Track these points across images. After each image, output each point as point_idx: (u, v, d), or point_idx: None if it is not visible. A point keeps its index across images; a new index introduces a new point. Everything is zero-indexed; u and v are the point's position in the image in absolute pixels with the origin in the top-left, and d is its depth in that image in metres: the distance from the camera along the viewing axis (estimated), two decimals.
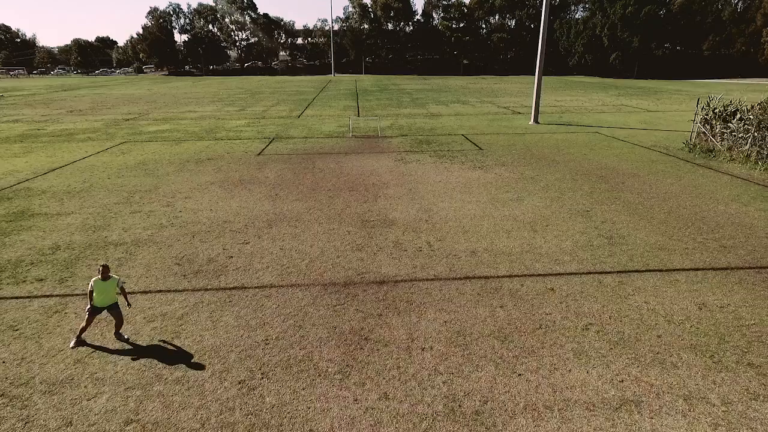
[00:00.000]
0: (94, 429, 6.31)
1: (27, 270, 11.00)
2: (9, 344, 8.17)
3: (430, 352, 7.93)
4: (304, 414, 6.59)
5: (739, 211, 14.89)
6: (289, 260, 11.46)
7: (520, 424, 6.38)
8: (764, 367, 7.49)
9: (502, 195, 16.61)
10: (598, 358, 7.75)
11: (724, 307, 9.26)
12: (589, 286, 10.11)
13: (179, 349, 8.04)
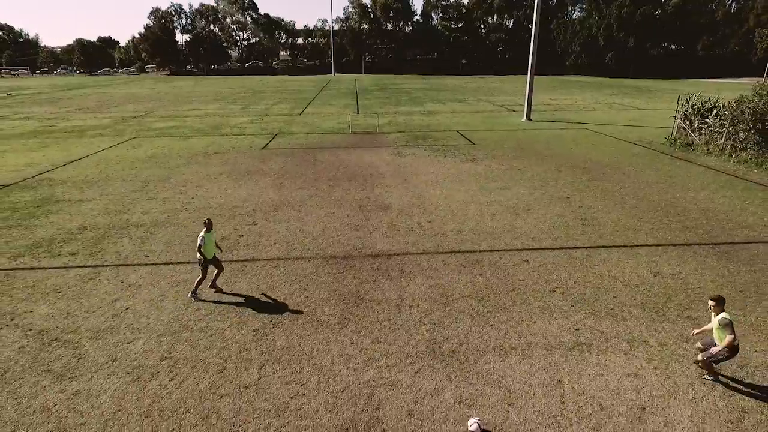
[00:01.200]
0: (135, 363, 7.63)
1: (60, 246, 12.32)
2: (54, 303, 9.49)
3: (417, 309, 9.24)
4: (309, 352, 7.91)
5: (706, 197, 16.19)
6: (294, 238, 12.78)
7: (488, 359, 7.70)
8: (701, 319, 8.81)
9: (490, 184, 17.92)
10: (560, 312, 9.07)
11: (675, 275, 10.58)
12: (559, 259, 11.42)
13: (201, 307, 9.35)
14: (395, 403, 6.75)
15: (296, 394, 6.94)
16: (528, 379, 7.21)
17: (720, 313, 6.70)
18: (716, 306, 6.72)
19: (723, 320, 6.61)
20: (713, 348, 6.77)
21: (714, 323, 6.77)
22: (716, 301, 6.73)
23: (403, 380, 7.22)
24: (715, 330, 6.76)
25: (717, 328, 6.70)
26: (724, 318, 6.63)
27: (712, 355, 6.76)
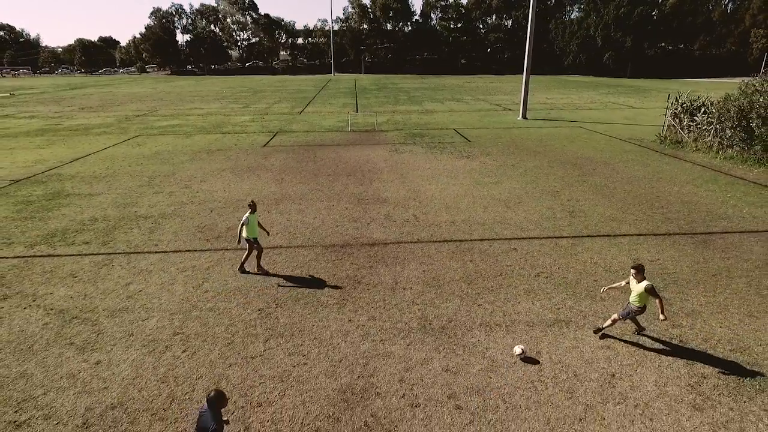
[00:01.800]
0: (150, 337, 8.31)
1: (74, 235, 13.00)
2: (72, 286, 10.17)
3: (410, 291, 9.93)
4: (310, 328, 8.59)
5: (691, 192, 16.88)
6: (295, 228, 13.46)
7: (475, 334, 8.38)
8: (673, 300, 9.49)
9: (484, 179, 18.60)
10: (543, 294, 9.76)
11: (654, 261, 11.26)
12: (546, 247, 12.11)
13: (208, 290, 10.03)
14: (388, 371, 7.43)
15: (298, 363, 7.63)
16: (509, 350, 7.89)
17: (642, 280, 7.45)
18: (637, 274, 7.51)
19: (648, 287, 7.38)
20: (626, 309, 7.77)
21: (638, 289, 7.50)
22: (637, 269, 7.52)
23: (396, 352, 7.90)
24: (638, 295, 7.51)
25: (641, 293, 7.46)
26: (649, 285, 7.40)
27: (628, 313, 7.72)
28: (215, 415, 4.84)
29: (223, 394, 4.90)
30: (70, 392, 6.97)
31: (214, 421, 4.78)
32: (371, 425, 6.36)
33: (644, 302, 7.58)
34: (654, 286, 7.46)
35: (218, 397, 4.86)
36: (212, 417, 4.81)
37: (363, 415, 6.55)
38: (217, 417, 4.86)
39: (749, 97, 20.40)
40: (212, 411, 4.84)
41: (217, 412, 4.88)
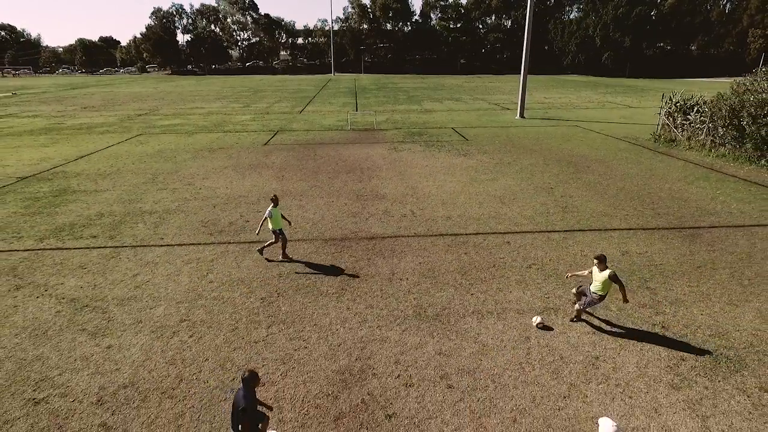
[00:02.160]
0: (158, 324, 8.73)
1: (81, 230, 13.42)
2: (82, 277, 10.59)
3: (406, 281, 10.35)
4: (310, 316, 9.01)
5: (681, 188, 17.29)
6: (295, 223, 13.87)
7: (467, 321, 8.80)
8: (658, 289, 9.91)
9: (480, 176, 19.01)
10: (533, 284, 10.18)
11: (642, 254, 11.68)
12: (538, 240, 12.53)
13: (213, 280, 10.45)
14: (384, 354, 7.85)
15: (299, 347, 8.05)
16: (500, 336, 8.31)
17: (604, 269, 7.88)
18: (600, 263, 7.96)
19: (612, 275, 7.83)
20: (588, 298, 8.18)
21: (601, 277, 7.92)
22: (599, 259, 7.98)
23: (392, 337, 8.32)
24: (601, 283, 7.94)
25: (605, 281, 7.88)
26: (612, 272, 7.85)
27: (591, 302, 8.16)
28: (248, 394, 5.17)
29: (255, 373, 5.24)
30: (84, 373, 7.39)
31: (247, 400, 5.11)
32: (368, 402, 6.78)
33: (606, 290, 8.00)
34: (617, 273, 7.91)
35: (251, 377, 5.19)
36: (245, 396, 5.15)
37: (360, 393, 6.96)
38: (251, 395, 5.19)
39: (740, 96, 20.80)
40: (246, 390, 5.17)
41: (250, 390, 5.20)
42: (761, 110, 19.18)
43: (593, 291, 8.16)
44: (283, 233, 11.19)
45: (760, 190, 17.00)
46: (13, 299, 9.63)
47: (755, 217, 14.23)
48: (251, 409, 5.18)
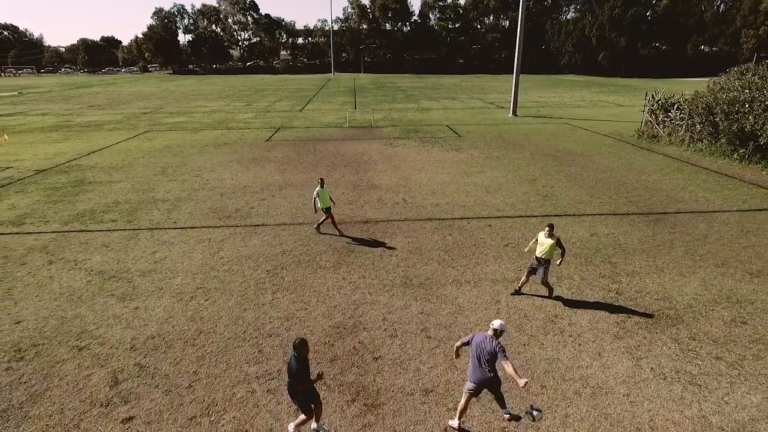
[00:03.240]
0: (177, 290, 10.01)
1: (101, 215, 14.70)
2: (106, 254, 11.87)
3: (395, 257, 11.63)
4: (310, 284, 10.29)
5: (657, 179, 18.57)
6: (297, 209, 15.16)
7: (447, 288, 10.07)
8: (618, 264, 11.19)
9: (469, 169, 20.29)
10: (508, 259, 11.46)
11: (609, 235, 12.96)
12: (517, 224, 13.81)
13: (223, 256, 11.73)
14: (374, 313, 9.13)
15: (300, 308, 9.33)
16: (475, 300, 9.59)
17: (551, 236, 9.06)
18: (549, 231, 9.09)
19: (557, 239, 9.06)
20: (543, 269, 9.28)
21: (548, 242, 9.06)
22: (550, 227, 9.12)
23: (381, 300, 9.60)
24: (549, 247, 9.08)
25: (552, 245, 9.05)
26: (558, 238, 9.09)
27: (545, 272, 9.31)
28: (299, 359, 5.66)
29: (304, 341, 5.66)
30: (117, 327, 8.68)
31: (300, 364, 5.64)
32: (358, 349, 8.06)
33: (551, 255, 9.19)
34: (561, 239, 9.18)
35: (301, 344, 5.65)
36: (296, 360, 5.66)
37: (352, 342, 8.25)
38: (301, 361, 5.67)
39: (715, 94, 22.07)
40: (297, 355, 5.65)
41: (300, 356, 5.66)
42: (732, 107, 20.45)
43: (538, 256, 9.30)
44: (330, 211, 12.70)
45: (728, 180, 18.28)
46: (48, 271, 10.91)
47: (718, 204, 15.51)
48: (303, 373, 5.67)
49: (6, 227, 13.72)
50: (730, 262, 11.23)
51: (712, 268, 10.98)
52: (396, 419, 6.52)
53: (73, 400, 6.88)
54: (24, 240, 12.79)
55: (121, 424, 6.42)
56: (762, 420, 6.43)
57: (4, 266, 11.16)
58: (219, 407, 6.73)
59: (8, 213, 14.96)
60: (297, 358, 5.69)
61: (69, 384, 7.21)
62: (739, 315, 8.99)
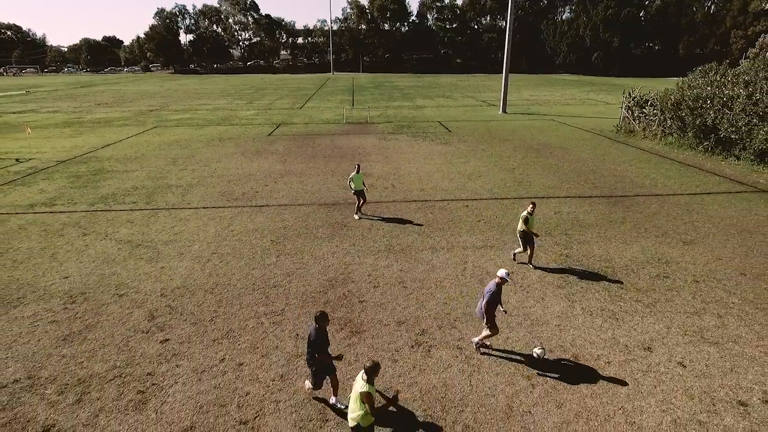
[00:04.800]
0: (195, 255, 11.83)
1: (122, 197, 16.53)
2: (131, 228, 13.69)
3: (382, 230, 13.45)
4: (308, 250, 12.11)
5: (625, 169, 20.38)
6: (296, 193, 16.98)
7: (424, 252, 11.90)
8: (573, 235, 13.01)
9: (455, 160, 22.11)
10: (478, 231, 13.28)
11: (570, 213, 14.79)
12: (491, 204, 15.63)
13: (234, 229, 13.55)
14: (361, 270, 10.95)
15: (300, 267, 11.15)
16: (446, 262, 11.41)
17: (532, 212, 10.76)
18: (533, 208, 10.78)
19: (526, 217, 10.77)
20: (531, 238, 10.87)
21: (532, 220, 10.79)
22: (534, 205, 10.82)
23: (367, 261, 11.43)
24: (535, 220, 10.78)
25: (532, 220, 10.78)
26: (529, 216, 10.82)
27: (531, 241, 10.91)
28: (319, 330, 6.33)
29: (325, 313, 6.33)
30: (148, 281, 10.50)
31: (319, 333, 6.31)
32: (347, 295, 9.89)
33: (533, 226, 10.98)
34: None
35: (322, 316, 6.30)
36: (316, 331, 6.33)
37: (342, 290, 10.08)
38: (321, 332, 6.34)
39: (682, 91, 23.88)
40: (317, 326, 6.33)
41: (320, 328, 6.33)
42: (696, 103, 22.26)
43: (518, 230, 11.09)
44: (362, 194, 14.32)
45: (688, 169, 20.11)
46: (83, 241, 12.74)
47: (674, 189, 17.34)
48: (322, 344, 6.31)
49: (40, 207, 15.55)
50: (669, 234, 13.06)
51: (653, 238, 12.81)
52: (374, 341, 8.35)
53: (120, 328, 8.71)
54: (58, 217, 14.62)
55: (160, 344, 8.24)
56: (658, 339, 8.26)
57: (45, 237, 12.99)
58: (235, 333, 8.56)
59: (40, 196, 16.78)
60: (317, 330, 6.31)
61: (115, 318, 9.04)
62: (663, 272, 10.83)
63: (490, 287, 7.62)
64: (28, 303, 9.59)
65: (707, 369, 7.52)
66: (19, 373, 7.47)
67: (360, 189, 14.21)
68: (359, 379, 5.42)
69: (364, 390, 5.25)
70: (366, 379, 5.32)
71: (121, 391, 7.10)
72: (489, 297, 7.54)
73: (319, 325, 6.32)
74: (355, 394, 5.38)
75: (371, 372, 5.30)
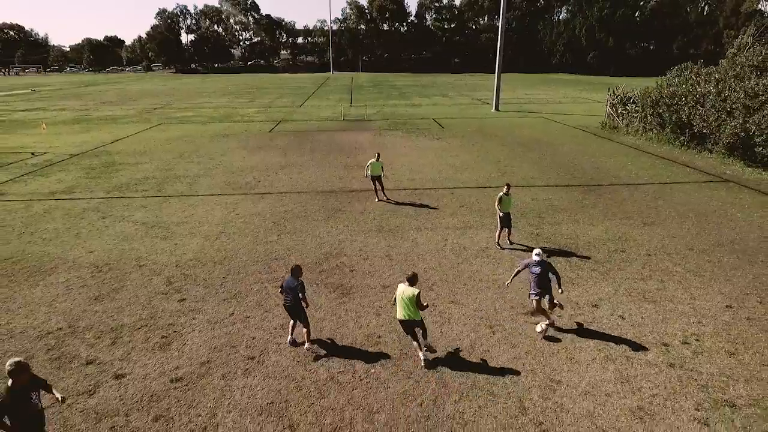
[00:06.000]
0: (205, 234, 13.20)
1: (135, 186, 17.91)
2: (145, 212, 15.06)
3: (373, 213, 14.83)
4: (306, 230, 13.49)
5: (603, 161, 21.73)
6: (296, 182, 18.35)
7: (411, 232, 13.26)
8: (545, 218, 14.37)
9: (445, 153, 23.48)
10: (461, 215, 14.65)
11: (546, 199, 16.16)
12: (475, 192, 17.00)
13: (239, 213, 14.92)
14: (353, 246, 12.32)
15: (298, 243, 12.52)
16: (429, 239, 12.78)
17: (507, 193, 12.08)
18: (508, 189, 12.12)
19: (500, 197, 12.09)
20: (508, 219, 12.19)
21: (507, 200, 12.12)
22: (508, 186, 12.16)
23: (359, 239, 12.80)
24: (508, 202, 12.16)
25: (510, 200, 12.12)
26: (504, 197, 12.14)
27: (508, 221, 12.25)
28: (296, 279, 7.72)
29: (299, 266, 7.87)
30: (164, 255, 11.87)
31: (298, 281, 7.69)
32: (340, 266, 11.26)
33: (508, 209, 12.34)
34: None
35: (297, 268, 7.80)
36: (294, 279, 7.70)
37: (335, 262, 11.45)
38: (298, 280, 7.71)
39: (660, 89, 25.25)
40: (294, 276, 7.72)
41: (297, 277, 7.73)
42: (673, 100, 23.63)
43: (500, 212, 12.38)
44: (378, 180, 15.84)
45: (663, 162, 21.48)
46: (103, 222, 14.12)
47: (645, 179, 18.71)
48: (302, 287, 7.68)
49: (60, 195, 16.93)
50: (633, 217, 14.43)
51: (618, 220, 14.18)
52: (361, 300, 9.73)
53: (143, 291, 10.09)
54: (77, 203, 16.00)
55: (178, 302, 9.62)
56: (605, 299, 9.64)
57: (68, 219, 14.38)
58: (242, 294, 9.94)
59: (58, 185, 18.16)
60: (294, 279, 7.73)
61: (137, 284, 10.41)
62: (621, 247, 12.20)
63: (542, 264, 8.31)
64: (61, 272, 10.96)
65: (642, 320, 8.89)
66: (61, 324, 8.84)
67: (377, 174, 15.78)
68: (405, 288, 7.48)
69: (417, 291, 7.38)
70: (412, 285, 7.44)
71: (148, 336, 8.48)
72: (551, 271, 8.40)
73: (296, 275, 7.75)
74: (407, 297, 7.40)
75: (414, 279, 7.50)
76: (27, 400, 5.09)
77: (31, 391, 5.18)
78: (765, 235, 12.97)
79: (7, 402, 4.92)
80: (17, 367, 4.99)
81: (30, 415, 5.16)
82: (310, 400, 6.91)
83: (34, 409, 5.22)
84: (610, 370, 7.49)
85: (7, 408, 4.93)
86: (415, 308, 7.42)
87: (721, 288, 10.09)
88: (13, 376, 5.00)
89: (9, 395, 4.96)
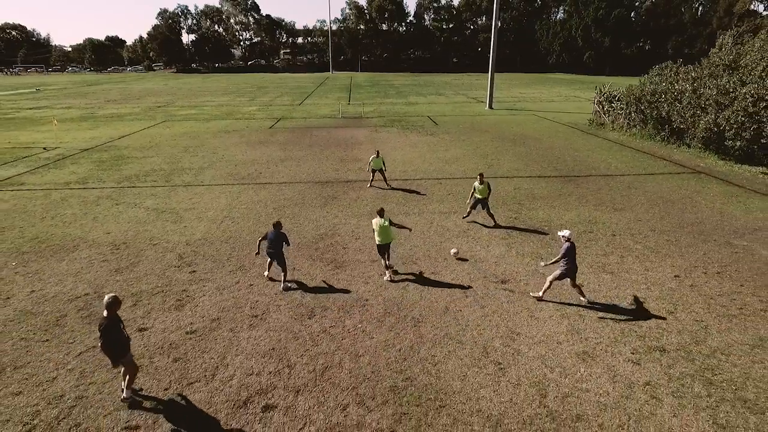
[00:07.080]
0: (211, 218, 14.41)
1: (144, 177, 19.13)
2: (155, 199, 16.28)
3: (366, 201, 16.05)
4: (304, 215, 14.71)
5: (585, 155, 22.96)
6: (295, 174, 19.57)
7: (399, 217, 14.46)
8: (524, 205, 15.60)
9: (437, 148, 24.70)
10: (447, 201, 15.87)
11: (527, 189, 17.38)
12: (461, 182, 18.22)
13: (243, 200, 16.14)
14: (346, 228, 13.55)
15: (296, 226, 13.74)
16: (416, 222, 14.00)
17: (482, 182, 13.30)
18: (480, 179, 13.34)
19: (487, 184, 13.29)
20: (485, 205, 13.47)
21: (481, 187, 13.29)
22: (481, 175, 13.37)
23: (352, 222, 14.02)
24: (483, 188, 13.33)
25: (485, 188, 13.32)
26: (487, 183, 13.33)
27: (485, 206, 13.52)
28: (278, 231, 10.04)
29: (279, 221, 10.13)
30: (175, 235, 13.09)
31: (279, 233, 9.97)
32: (333, 244, 12.49)
33: (485, 194, 13.55)
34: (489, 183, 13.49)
35: (278, 223, 10.03)
36: (276, 231, 9.97)
37: (330, 240, 12.67)
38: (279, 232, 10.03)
39: (642, 87, 26.47)
40: (276, 229, 10.06)
41: (279, 230, 10.02)
42: (653, 98, 24.85)
43: (477, 197, 13.63)
44: (381, 172, 17.17)
45: (642, 156, 22.70)
46: (117, 208, 15.34)
47: (622, 170, 19.93)
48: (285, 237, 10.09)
49: (75, 185, 18.16)
50: (605, 204, 15.66)
51: (590, 206, 15.40)
52: (352, 271, 10.95)
53: (157, 264, 11.31)
54: (91, 192, 17.23)
55: (189, 273, 10.84)
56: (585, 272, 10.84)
57: (84, 205, 15.60)
58: (246, 267, 11.16)
59: (72, 176, 19.38)
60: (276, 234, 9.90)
61: (152, 259, 11.64)
62: (589, 229, 13.42)
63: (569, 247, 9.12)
64: (82, 249, 12.19)
65: (598, 287, 10.12)
66: (88, 290, 10.07)
67: (378, 168, 17.09)
68: (378, 219, 10.42)
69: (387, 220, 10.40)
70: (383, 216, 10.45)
71: (164, 299, 9.70)
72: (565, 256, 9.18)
73: (277, 230, 9.93)
74: (382, 225, 10.33)
75: (381, 212, 10.57)
76: (119, 326, 6.64)
77: (119, 322, 6.69)
78: (722, 218, 14.21)
79: (108, 324, 6.48)
80: (113, 300, 6.58)
81: (122, 338, 6.66)
82: (306, 347, 8.14)
83: (124, 334, 6.73)
84: (564, 325, 8.72)
85: (109, 330, 6.46)
86: (388, 232, 10.38)
87: (673, 262, 11.31)
88: (108, 308, 6.52)
89: (108, 320, 6.50)
